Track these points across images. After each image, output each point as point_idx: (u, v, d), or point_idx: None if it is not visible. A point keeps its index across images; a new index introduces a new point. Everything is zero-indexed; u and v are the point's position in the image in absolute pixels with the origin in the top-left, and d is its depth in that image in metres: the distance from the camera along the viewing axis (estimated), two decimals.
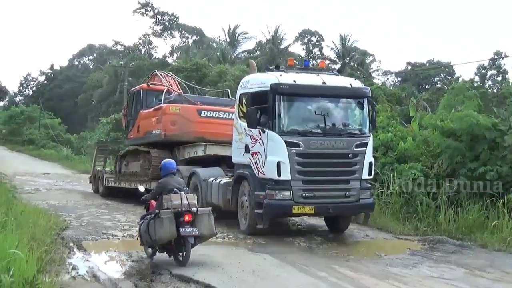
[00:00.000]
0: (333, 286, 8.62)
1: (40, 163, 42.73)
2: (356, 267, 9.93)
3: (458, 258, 11.39)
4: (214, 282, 8.37)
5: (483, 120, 14.73)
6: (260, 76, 13.66)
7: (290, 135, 12.11)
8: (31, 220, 11.71)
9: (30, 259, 7.06)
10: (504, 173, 13.81)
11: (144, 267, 9.78)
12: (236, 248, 11.76)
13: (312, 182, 12.30)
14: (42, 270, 7.54)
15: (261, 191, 12.22)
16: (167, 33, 72.94)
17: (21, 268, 6.21)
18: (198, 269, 9.28)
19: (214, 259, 10.34)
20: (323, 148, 12.20)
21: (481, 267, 10.67)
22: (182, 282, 8.71)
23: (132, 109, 21.22)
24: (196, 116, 17.15)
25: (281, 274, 9.40)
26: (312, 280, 9.02)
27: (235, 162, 13.82)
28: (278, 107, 12.20)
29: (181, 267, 9.45)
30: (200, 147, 16.27)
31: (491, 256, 11.79)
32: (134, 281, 8.85)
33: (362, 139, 12.70)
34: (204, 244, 12.05)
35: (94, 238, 12.44)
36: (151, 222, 9.43)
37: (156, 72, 22.15)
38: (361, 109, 13.06)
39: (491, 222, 13.19)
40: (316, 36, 72.26)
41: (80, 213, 16.52)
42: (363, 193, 12.63)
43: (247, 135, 12.96)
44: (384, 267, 10.21)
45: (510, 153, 13.96)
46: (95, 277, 9.04)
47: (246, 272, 9.34)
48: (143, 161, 18.89)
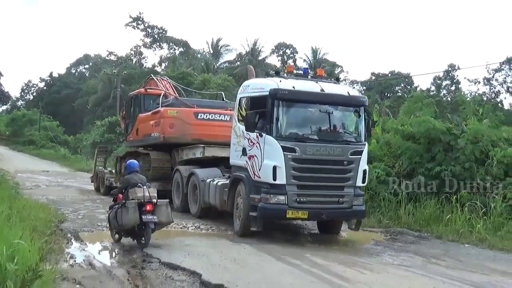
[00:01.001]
0: (305, 272, 8.67)
1: (39, 161, 42.23)
2: (326, 256, 9.98)
3: (417, 247, 11.58)
4: (199, 269, 8.36)
5: (439, 125, 14.92)
6: (260, 81, 12.73)
7: (287, 140, 11.27)
8: (32, 213, 11.58)
9: (32, 248, 7.01)
10: (457, 172, 13.98)
11: (136, 256, 9.69)
12: (218, 239, 11.72)
13: (306, 187, 11.40)
14: (43, 259, 7.45)
15: (256, 194, 11.41)
16: (156, 44, 72.47)
17: (24, 257, 6.16)
18: (185, 258, 9.27)
19: (199, 248, 10.36)
20: (319, 154, 11.35)
21: (436, 256, 10.82)
22: (170, 269, 8.69)
23: (130, 113, 20.30)
24: (193, 118, 16.37)
25: (259, 262, 9.43)
26: (287, 267, 9.06)
27: (232, 164, 12.99)
28: (276, 112, 11.37)
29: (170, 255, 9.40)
30: (199, 149, 15.50)
31: (446, 246, 11.97)
32: (126, 269, 8.81)
33: (358, 147, 11.80)
34: (190, 236, 12.24)
35: (90, 230, 12.33)
36: (119, 210, 10.06)
37: (152, 77, 21.26)
38: (357, 117, 12.12)
39: (445, 216, 13.38)
40: (290, 49, 72.56)
41: (77, 207, 16.34)
42: (356, 199, 11.73)
43: (245, 138, 12.09)
44: (351, 256, 10.31)
45: (463, 155, 14.13)
46: (91, 265, 8.97)
47: (228, 260, 9.34)
48: (143, 163, 17.55)
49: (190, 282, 7.93)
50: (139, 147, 19.16)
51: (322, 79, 12.62)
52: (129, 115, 20.45)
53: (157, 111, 17.32)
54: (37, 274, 5.47)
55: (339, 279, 8.23)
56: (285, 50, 72.66)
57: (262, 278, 8.12)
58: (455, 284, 8.43)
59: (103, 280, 8.00)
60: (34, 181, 24.88)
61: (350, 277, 8.36)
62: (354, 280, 8.17)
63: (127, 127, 20.59)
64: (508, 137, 15.02)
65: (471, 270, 9.58)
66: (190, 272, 8.34)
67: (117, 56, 71.72)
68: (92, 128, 51.66)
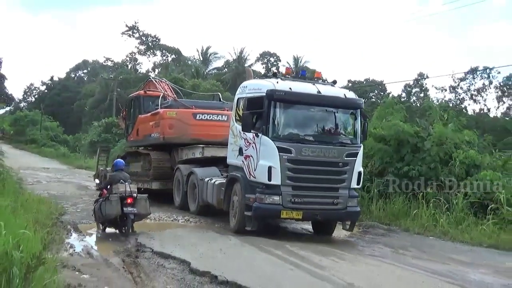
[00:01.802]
0: (285, 261, 8.75)
1: (41, 159, 41.87)
2: (305, 247, 10.05)
3: (386, 240, 11.75)
4: (189, 258, 8.41)
5: (407, 128, 15.12)
6: (258, 82, 12.13)
7: (283, 141, 10.59)
8: (34, 206, 11.60)
9: (35, 238, 7.06)
10: (424, 172, 14.18)
11: (130, 246, 9.74)
12: (206, 231, 11.73)
13: (301, 188, 10.73)
14: (46, 248, 7.51)
15: (251, 194, 10.75)
16: (150, 52, 71.84)
17: (29, 246, 6.20)
18: (175, 248, 9.32)
19: (188, 240, 10.42)
20: (314, 156, 10.66)
21: (404, 247, 10.99)
22: (162, 258, 8.74)
23: (131, 114, 19.53)
24: (191, 119, 15.57)
25: (243, 252, 9.51)
26: (268, 256, 9.13)
27: (229, 163, 12.34)
28: (273, 113, 10.68)
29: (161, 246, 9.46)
30: (198, 149, 14.82)
31: (412, 238, 12.16)
32: (121, 257, 8.87)
33: (353, 149, 11.12)
34: (180, 228, 12.31)
35: (88, 222, 12.32)
36: (103, 203, 10.56)
37: (151, 79, 20.64)
38: (353, 120, 11.47)
39: (412, 211, 13.57)
40: (274, 57, 72.64)
41: (75, 201, 16.33)
42: (350, 201, 11.04)
43: (242, 138, 11.41)
44: (327, 247, 10.40)
45: (429, 156, 14.34)
46: (89, 254, 9.04)
47: (214, 250, 9.38)
48: (143, 162, 17.41)
49: (180, 270, 7.99)
50: (140, 147, 18.58)
51: (319, 81, 11.96)
52: (129, 116, 19.77)
53: (156, 113, 16.64)
54: (41, 261, 5.53)
55: (315, 267, 8.33)
56: (269, 58, 72.73)
57: (246, 266, 8.20)
58: (419, 272, 8.58)
59: (100, 267, 8.06)
60: (35, 177, 24.72)
61: (325, 265, 8.47)
62: (329, 268, 8.28)
63: (127, 128, 19.93)
64: (469, 140, 15.28)
65: (434, 260, 9.74)
66: (180, 261, 8.39)
67: (114, 62, 71.10)
68: (89, 128, 51.29)
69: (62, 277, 6.57)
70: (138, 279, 7.56)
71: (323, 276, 7.77)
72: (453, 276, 8.41)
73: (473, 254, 10.56)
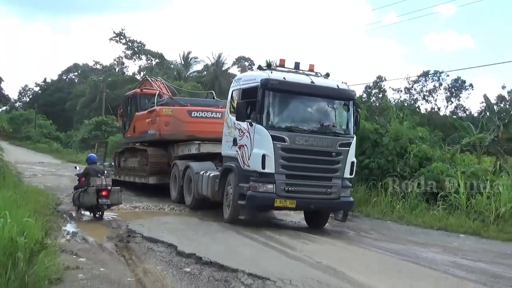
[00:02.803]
0: (262, 244, 8.81)
1: (35, 154, 41.01)
2: (279, 231, 10.13)
3: (350, 224, 11.86)
4: (175, 242, 8.42)
5: (368, 126, 15.35)
6: (252, 73, 11.17)
7: (277, 129, 9.81)
8: (33, 197, 11.43)
9: (36, 226, 7.01)
10: (382, 164, 14.45)
11: (122, 232, 9.73)
12: (190, 218, 11.75)
13: (295, 177, 9.94)
14: (47, 235, 7.46)
15: (245, 183, 9.94)
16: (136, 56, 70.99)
17: (31, 233, 6.17)
18: (163, 233, 9.33)
19: (174, 226, 10.45)
20: (308, 145, 9.88)
21: (366, 230, 11.23)
22: (151, 242, 8.73)
23: (127, 111, 18.57)
24: (187, 116, 14.64)
25: (224, 236, 9.53)
26: (247, 240, 9.19)
27: (223, 154, 11.37)
28: (267, 102, 9.89)
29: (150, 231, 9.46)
30: (194, 145, 13.87)
31: (373, 223, 12.40)
32: (114, 242, 8.87)
33: (346, 139, 10.33)
34: (167, 215, 12.26)
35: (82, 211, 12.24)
36: (81, 193, 11.18)
37: (147, 78, 19.66)
38: (346, 111, 10.62)
39: (372, 199, 13.84)
40: (248, 61, 72.56)
41: (69, 193, 15.71)
42: (343, 191, 10.28)
43: (236, 128, 10.55)
44: (299, 231, 10.48)
45: (386, 150, 14.62)
46: (85, 240, 8.97)
47: (199, 235, 9.43)
48: (141, 158, 16.39)
49: (168, 252, 8.01)
50: (136, 143, 17.47)
51: (313, 73, 10.97)
52: (126, 114, 18.81)
53: (153, 110, 15.72)
54: (43, 246, 5.52)
55: (288, 249, 8.42)
56: (244, 62, 72.77)
57: (226, 248, 8.25)
58: (379, 251, 8.79)
59: (95, 251, 8.03)
60: (31, 171, 24.18)
61: (297, 247, 8.56)
62: (300, 249, 8.39)
63: (124, 125, 18.99)
64: (422, 136, 15.65)
65: (392, 241, 9.99)
66: (167, 245, 8.40)
67: (102, 65, 70.23)
68: (81, 126, 50.62)
69: (61, 260, 6.54)
70: (130, 261, 7.57)
71: (296, 256, 7.87)
72: (408, 254, 8.61)
73: (425, 235, 10.87)
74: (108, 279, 6.34)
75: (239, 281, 6.28)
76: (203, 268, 6.99)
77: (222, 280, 6.42)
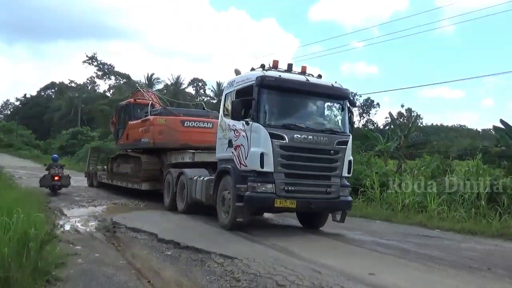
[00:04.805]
0: (231, 232, 8.47)
1: (18, 160, 38.70)
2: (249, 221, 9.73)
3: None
4: (155, 231, 8.34)
5: None
6: (246, 73, 9.05)
7: (274, 127, 8.08)
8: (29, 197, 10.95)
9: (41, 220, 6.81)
10: None
11: (108, 224, 9.48)
12: (164, 212, 11.51)
13: (294, 176, 8.14)
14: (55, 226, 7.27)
15: (243, 184, 8.10)
16: (106, 76, 69.02)
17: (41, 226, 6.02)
18: (144, 224, 9.19)
19: (152, 218, 10.34)
20: (306, 143, 8.15)
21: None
22: (134, 231, 8.62)
23: (121, 120, 16.74)
24: (180, 126, 13.16)
25: (196, 226, 9.44)
26: (215, 228, 8.94)
27: (218, 158, 9.43)
28: (264, 99, 8.19)
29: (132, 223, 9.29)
30: (188, 154, 12.24)
31: None
32: (103, 233, 8.69)
33: (343, 137, 8.64)
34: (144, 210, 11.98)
35: (70, 207, 11.93)
36: (43, 178, 15.27)
37: (139, 89, 18.13)
38: (341, 110, 9.01)
39: None
40: (201, 82, 72.50)
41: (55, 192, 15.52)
42: (342, 190, 8.58)
43: (231, 129, 8.77)
44: (266, 221, 10.43)
45: None
46: (77, 231, 8.77)
47: (174, 225, 9.37)
48: (134, 165, 14.81)
49: (150, 240, 7.95)
50: (128, 150, 15.85)
51: (305, 74, 9.18)
52: (119, 122, 16.95)
53: (146, 119, 14.07)
54: (53, 236, 5.42)
55: (254, 236, 8.18)
56: (198, 83, 72.47)
57: (199, 236, 8.22)
58: (317, 235, 8.87)
59: (88, 240, 7.89)
60: (17, 174, 22.89)
61: (261, 235, 8.26)
62: (263, 235, 8.21)
63: (117, 132, 17.07)
64: None
65: (325, 227, 9.79)
66: (149, 233, 8.32)
67: (76, 84, 67.62)
68: (59, 136, 48.71)
69: (60, 248, 6.41)
70: (119, 248, 7.49)
71: (259, 241, 7.68)
72: (340, 237, 8.80)
73: (351, 222, 10.99)
74: (104, 262, 6.30)
75: (213, 260, 6.35)
76: (182, 251, 6.99)
77: (198, 260, 6.47)
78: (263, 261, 6.14)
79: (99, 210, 11.60)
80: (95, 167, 19.22)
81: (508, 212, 10.33)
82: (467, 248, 8.13)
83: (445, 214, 11.17)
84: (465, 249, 8.07)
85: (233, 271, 5.80)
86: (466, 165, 12.96)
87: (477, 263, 6.79)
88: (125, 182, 15.10)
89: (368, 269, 5.97)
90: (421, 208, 11.94)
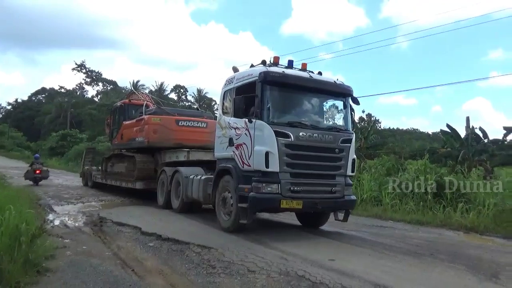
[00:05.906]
0: (209, 226, 8.44)
1: (10, 161, 37.37)
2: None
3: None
4: (140, 225, 8.28)
5: None
6: (247, 70, 7.91)
7: (278, 125, 7.05)
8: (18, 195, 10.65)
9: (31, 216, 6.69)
10: None
11: (95, 219, 9.32)
12: (148, 207, 11.31)
13: (300, 175, 7.15)
14: (45, 222, 7.13)
15: (246, 184, 7.09)
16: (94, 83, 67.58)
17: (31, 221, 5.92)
18: (129, 218, 9.10)
19: (136, 213, 10.21)
20: (312, 141, 7.19)
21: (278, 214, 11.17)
22: (120, 225, 8.51)
23: (115, 120, 15.72)
24: (174, 125, 12.27)
25: (178, 220, 9.31)
26: (196, 223, 8.79)
27: (217, 157, 8.30)
28: (267, 95, 7.13)
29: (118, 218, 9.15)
30: (183, 152, 11.36)
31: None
32: (90, 227, 8.53)
33: (347, 135, 7.70)
34: (128, 206, 11.76)
35: (60, 204, 11.63)
36: (26, 172, 17.44)
37: (134, 91, 17.01)
38: (345, 107, 8.04)
39: None
40: (183, 89, 71.81)
41: (45, 190, 15.13)
42: (347, 189, 7.67)
43: (232, 128, 7.71)
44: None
45: None
46: (66, 226, 8.58)
47: (157, 219, 9.25)
48: (128, 164, 13.76)
49: (134, 233, 7.89)
50: (123, 150, 14.69)
51: (306, 71, 8.07)
52: (114, 122, 15.93)
53: (141, 119, 13.03)
54: (43, 231, 5.36)
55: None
56: (180, 89, 71.71)
57: (180, 229, 8.17)
58: (289, 227, 8.91)
59: (76, 234, 7.75)
60: (8, 174, 22.14)
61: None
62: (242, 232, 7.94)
63: (112, 133, 16.04)
64: None
65: (295, 220, 9.92)
66: (133, 227, 8.24)
67: (66, 89, 65.86)
68: (49, 138, 47.33)
69: (50, 242, 6.31)
70: (105, 240, 7.40)
71: (234, 232, 7.59)
72: (309, 229, 8.61)
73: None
74: (91, 254, 6.24)
75: (191, 250, 6.38)
76: (163, 243, 6.98)
77: (178, 251, 6.49)
78: (236, 250, 6.22)
79: (87, 206, 11.39)
80: (90, 167, 18.34)
81: (450, 205, 10.78)
82: (415, 237, 8.45)
83: (397, 207, 11.56)
84: (413, 237, 8.38)
85: (209, 259, 5.88)
86: (416, 164, 13.42)
87: (422, 249, 7.09)
88: (119, 181, 14.27)
89: (329, 256, 6.13)
90: (377, 202, 12.29)
